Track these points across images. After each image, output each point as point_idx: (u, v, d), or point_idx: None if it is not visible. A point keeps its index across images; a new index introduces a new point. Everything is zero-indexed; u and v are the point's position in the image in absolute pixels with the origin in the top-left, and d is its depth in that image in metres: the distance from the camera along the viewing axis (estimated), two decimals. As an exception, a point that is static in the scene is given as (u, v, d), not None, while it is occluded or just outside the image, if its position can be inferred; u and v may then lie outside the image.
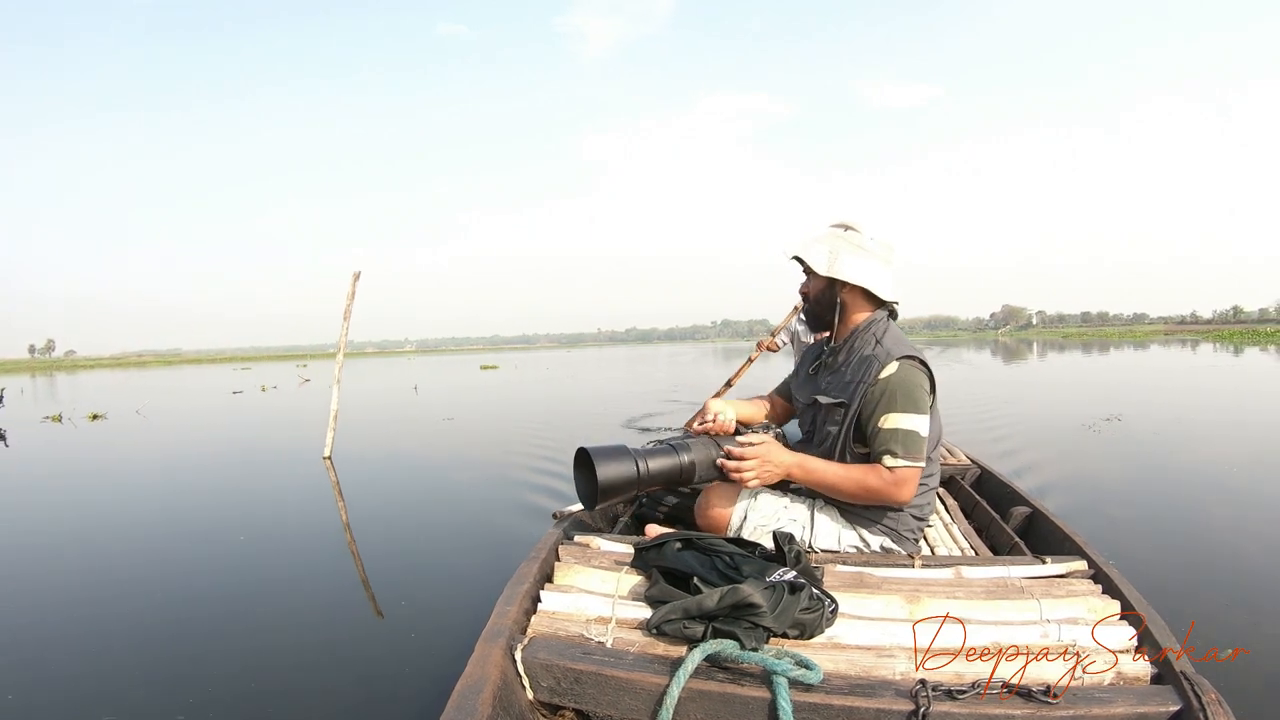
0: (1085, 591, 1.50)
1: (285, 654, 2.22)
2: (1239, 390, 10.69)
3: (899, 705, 1.13)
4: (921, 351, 1.77)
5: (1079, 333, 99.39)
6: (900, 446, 1.67)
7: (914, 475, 1.69)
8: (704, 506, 1.88)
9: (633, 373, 20.89)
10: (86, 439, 8.77)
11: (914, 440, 1.67)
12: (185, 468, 6.19)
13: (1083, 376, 14.65)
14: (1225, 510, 3.67)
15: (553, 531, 1.88)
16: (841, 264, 1.79)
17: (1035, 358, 23.61)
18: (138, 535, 3.88)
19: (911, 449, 1.67)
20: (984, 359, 23.82)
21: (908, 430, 1.67)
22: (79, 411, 11.91)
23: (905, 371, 1.70)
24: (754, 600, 1.26)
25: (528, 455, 5.87)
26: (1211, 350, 22.95)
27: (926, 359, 1.76)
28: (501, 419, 9.56)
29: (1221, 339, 35.82)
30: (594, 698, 1.24)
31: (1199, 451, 5.45)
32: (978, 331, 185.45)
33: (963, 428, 6.42)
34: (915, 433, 1.67)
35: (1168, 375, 14.10)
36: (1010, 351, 31.31)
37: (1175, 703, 1.13)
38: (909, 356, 1.73)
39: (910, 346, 1.76)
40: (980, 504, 2.45)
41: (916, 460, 1.68)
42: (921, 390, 1.71)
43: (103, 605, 2.74)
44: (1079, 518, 3.34)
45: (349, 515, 4.15)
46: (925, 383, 1.73)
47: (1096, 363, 19.71)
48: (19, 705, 1.99)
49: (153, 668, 2.17)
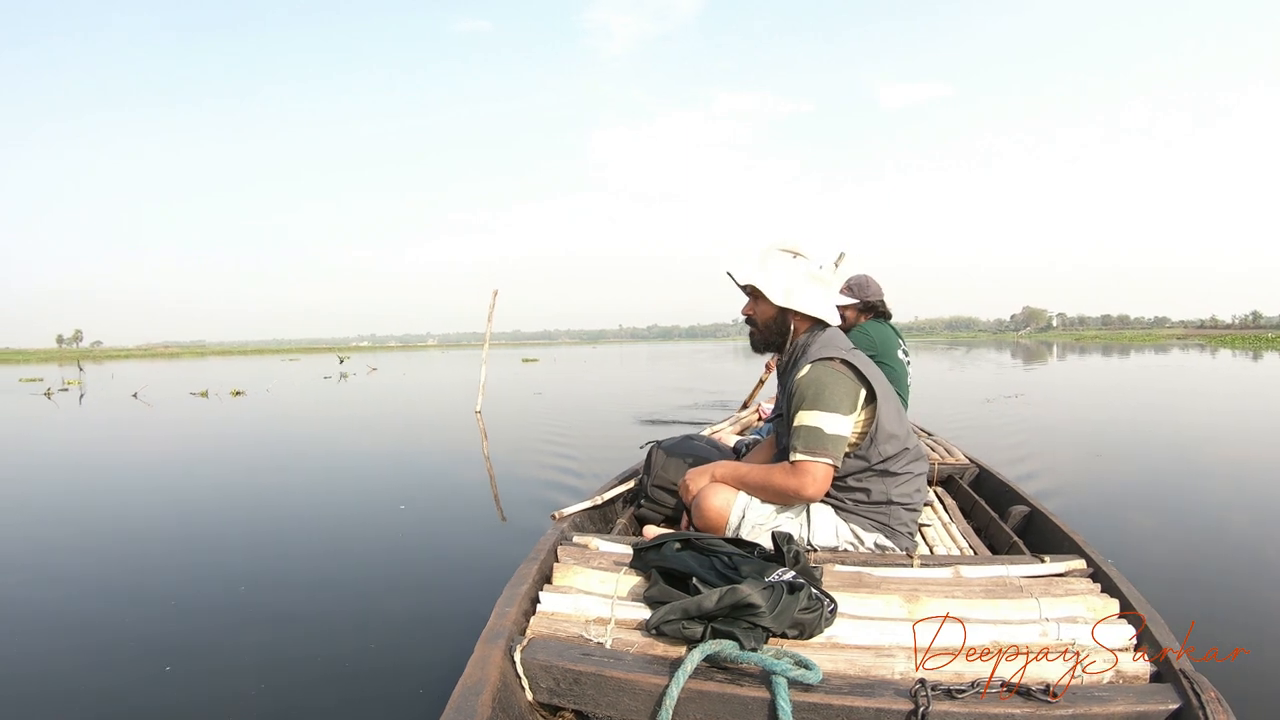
0: (1084, 590, 1.50)
1: (285, 654, 2.22)
2: (1243, 394, 10.70)
3: (898, 705, 1.13)
4: (848, 352, 1.81)
5: (1098, 335, 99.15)
6: (801, 442, 1.73)
7: (815, 468, 1.72)
8: (702, 506, 1.88)
9: (664, 368, 21.62)
10: (246, 410, 10.54)
11: (815, 436, 1.72)
12: (360, 426, 8.49)
13: (1089, 378, 14.75)
14: (1227, 510, 3.67)
15: (551, 532, 1.88)
16: (798, 296, 1.88)
17: (1054, 360, 23.89)
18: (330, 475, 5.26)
19: (812, 443, 1.72)
20: (1000, 360, 23.94)
21: (810, 427, 1.73)
22: (218, 390, 14.15)
23: (815, 371, 1.77)
24: (753, 600, 1.26)
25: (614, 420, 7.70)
26: (1231, 356, 22.94)
27: (854, 359, 1.79)
28: (581, 394, 12.64)
29: (1239, 345, 35.90)
30: (593, 698, 1.24)
31: (1203, 451, 5.45)
32: (998, 333, 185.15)
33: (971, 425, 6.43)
34: (818, 429, 1.72)
35: (1173, 377, 14.15)
36: (1030, 353, 31.64)
37: (1175, 701, 1.13)
38: (826, 358, 1.78)
39: (835, 349, 1.81)
40: (979, 503, 2.45)
41: (818, 455, 1.71)
42: (831, 389, 1.74)
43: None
44: (1080, 518, 3.34)
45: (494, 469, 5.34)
46: (841, 381, 1.75)
47: (1106, 365, 19.82)
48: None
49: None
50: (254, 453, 6.57)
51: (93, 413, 11.29)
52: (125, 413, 10.71)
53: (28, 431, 9.02)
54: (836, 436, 1.72)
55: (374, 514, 4.03)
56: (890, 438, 1.79)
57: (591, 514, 2.33)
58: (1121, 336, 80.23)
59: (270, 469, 5.66)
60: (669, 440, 2.61)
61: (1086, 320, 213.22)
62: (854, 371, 1.78)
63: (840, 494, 1.85)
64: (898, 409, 1.85)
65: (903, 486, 1.83)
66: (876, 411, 1.78)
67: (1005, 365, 20.31)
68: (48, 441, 8.00)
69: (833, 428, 1.72)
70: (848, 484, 1.83)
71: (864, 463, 1.80)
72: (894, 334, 2.96)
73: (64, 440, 8.09)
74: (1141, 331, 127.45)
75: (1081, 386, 12.45)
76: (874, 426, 1.77)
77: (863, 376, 1.78)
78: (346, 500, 4.43)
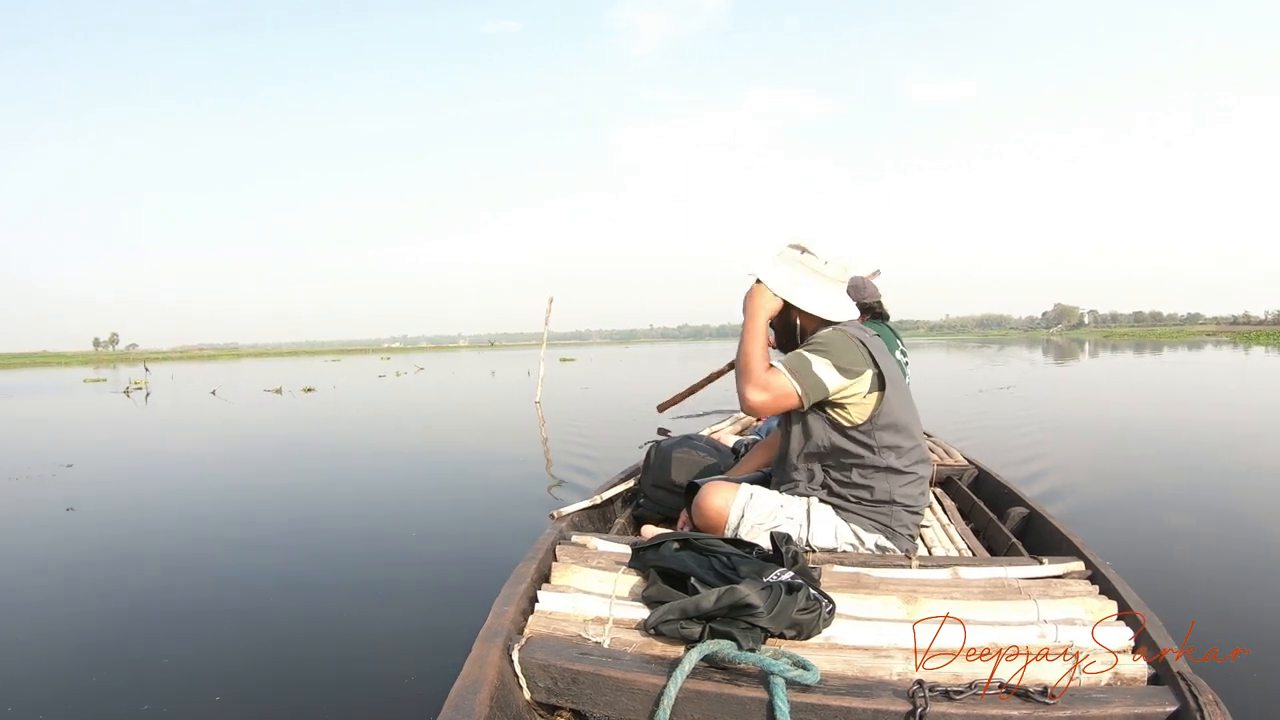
0: (1082, 592, 1.50)
1: (283, 652, 2.22)
2: (1261, 390, 10.70)
3: (896, 706, 1.12)
4: (868, 336, 1.83)
5: (1129, 332, 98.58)
6: (786, 360, 1.78)
7: (779, 377, 1.75)
8: (701, 505, 1.88)
9: (696, 366, 21.96)
10: (322, 404, 11.91)
11: (801, 363, 1.75)
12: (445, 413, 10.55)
13: (1094, 377, 14.82)
14: (1228, 510, 3.67)
15: (550, 531, 1.88)
16: (800, 291, 1.89)
17: (1084, 357, 24.19)
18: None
19: (795, 365, 1.75)
20: (1032, 358, 24.13)
21: (803, 356, 1.77)
22: (290, 389, 15.53)
23: (830, 333, 1.83)
24: (751, 601, 1.26)
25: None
26: (1263, 354, 22.99)
27: (871, 344, 1.81)
28: (620, 389, 14.39)
29: (1270, 341, 35.93)
30: (591, 698, 1.24)
31: (1207, 452, 5.45)
32: (1029, 330, 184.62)
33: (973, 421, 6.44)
34: (808, 360, 1.75)
35: (1190, 374, 14.22)
36: (1062, 351, 32.03)
37: (1172, 703, 1.13)
38: (843, 329, 1.83)
39: (855, 329, 1.85)
40: (978, 505, 2.45)
41: (793, 376, 1.74)
42: (839, 347, 1.77)
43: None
44: (1080, 518, 3.34)
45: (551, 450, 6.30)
46: (852, 347, 1.78)
47: (1131, 362, 20.02)
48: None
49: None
50: (358, 440, 7.80)
51: (183, 409, 12.59)
52: (214, 409, 12.10)
53: (144, 426, 10.25)
54: (818, 379, 1.74)
55: (414, 504, 4.40)
56: (891, 426, 1.78)
57: (590, 513, 2.33)
58: (1152, 333, 79.75)
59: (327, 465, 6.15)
60: (667, 440, 2.62)
61: (1118, 317, 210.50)
62: (867, 351, 1.79)
63: (843, 490, 1.84)
64: (904, 403, 1.84)
65: (907, 487, 1.82)
66: (884, 397, 1.77)
67: (1037, 362, 20.66)
68: (172, 436, 9.00)
69: (820, 370, 1.74)
70: (852, 479, 1.82)
71: (866, 449, 1.79)
72: (891, 335, 2.96)
73: (186, 433, 9.09)
74: (1173, 328, 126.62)
75: (1091, 384, 12.58)
76: (878, 410, 1.77)
77: (874, 359, 1.78)
78: (407, 487, 5.04)
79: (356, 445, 7.30)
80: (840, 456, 1.82)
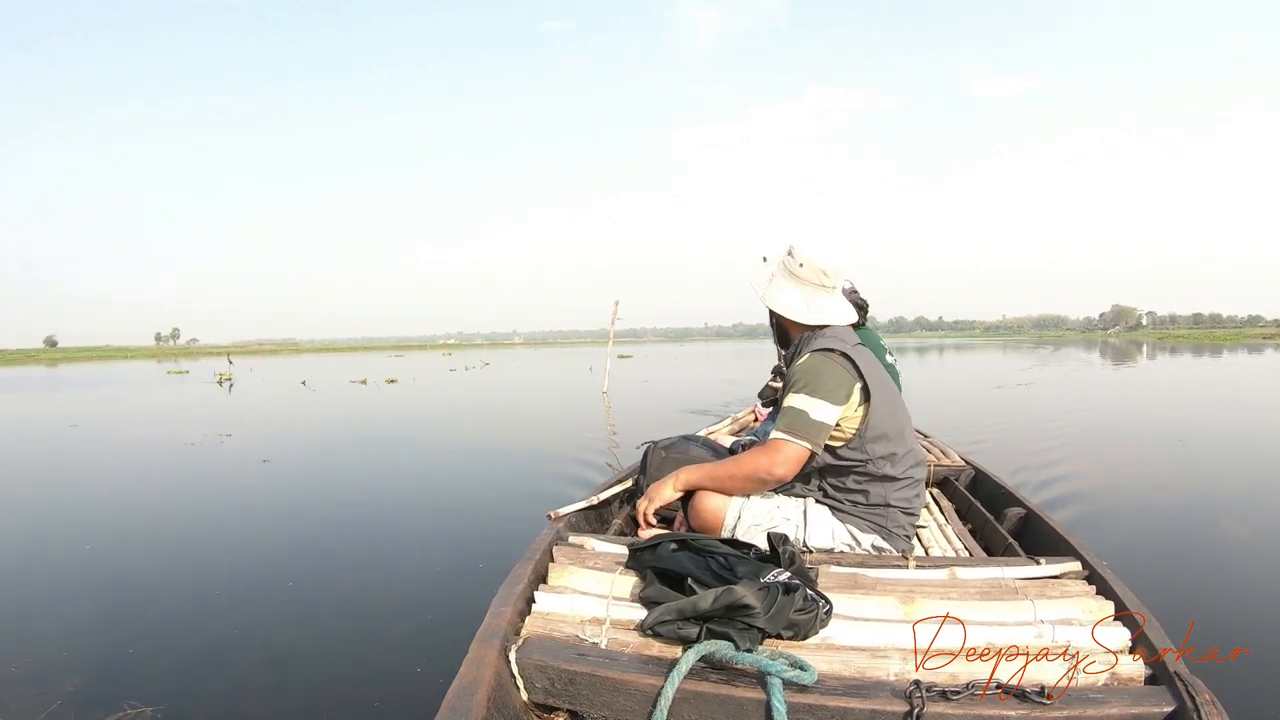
0: (1079, 593, 1.50)
1: (282, 651, 2.21)
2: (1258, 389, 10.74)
3: (894, 706, 1.12)
4: (851, 347, 1.81)
5: (1187, 334, 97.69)
6: (784, 421, 1.74)
7: (789, 448, 1.72)
8: (698, 506, 1.88)
9: (750, 365, 22.23)
10: (406, 394, 13.18)
11: (799, 418, 1.72)
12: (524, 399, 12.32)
13: (1101, 376, 14.98)
14: (1228, 511, 3.67)
15: (547, 532, 1.88)
16: (771, 291, 1.90)
17: (1141, 359, 24.41)
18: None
19: (794, 424, 1.72)
20: (1090, 359, 24.22)
21: (796, 409, 1.73)
22: (375, 380, 16.86)
23: (811, 360, 1.78)
24: (748, 601, 1.26)
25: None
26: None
27: (856, 354, 1.79)
28: (677, 384, 15.25)
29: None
30: (588, 699, 1.24)
31: (1208, 453, 5.46)
32: (1086, 331, 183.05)
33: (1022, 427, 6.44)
34: (803, 412, 1.72)
35: (1218, 376, 14.34)
36: (1118, 353, 32.27)
37: (1170, 704, 1.13)
38: (826, 349, 1.79)
39: (839, 342, 1.81)
40: (975, 505, 2.45)
41: (797, 436, 1.71)
42: (824, 377, 1.74)
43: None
44: (1081, 518, 3.35)
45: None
46: (837, 372, 1.75)
47: (1189, 365, 20.00)
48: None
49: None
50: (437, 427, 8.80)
51: (282, 397, 13.68)
52: (309, 397, 13.24)
53: (271, 415, 11.03)
54: (820, 424, 1.72)
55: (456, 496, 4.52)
56: (880, 437, 1.78)
57: (588, 514, 2.32)
58: (1211, 336, 79.13)
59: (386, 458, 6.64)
60: (665, 440, 2.61)
61: (1177, 319, 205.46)
62: (852, 365, 1.78)
63: (838, 495, 1.84)
64: (892, 410, 1.84)
65: (902, 491, 1.82)
66: (871, 408, 1.77)
67: (1096, 364, 20.86)
68: (294, 417, 10.28)
69: (818, 414, 1.72)
70: (847, 485, 1.82)
71: (859, 461, 1.79)
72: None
73: (305, 421, 9.86)
74: (1233, 331, 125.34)
75: (1086, 383, 12.74)
76: (864, 423, 1.76)
77: (860, 372, 1.77)
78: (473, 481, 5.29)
79: (449, 430, 8.34)
80: (835, 467, 1.83)
